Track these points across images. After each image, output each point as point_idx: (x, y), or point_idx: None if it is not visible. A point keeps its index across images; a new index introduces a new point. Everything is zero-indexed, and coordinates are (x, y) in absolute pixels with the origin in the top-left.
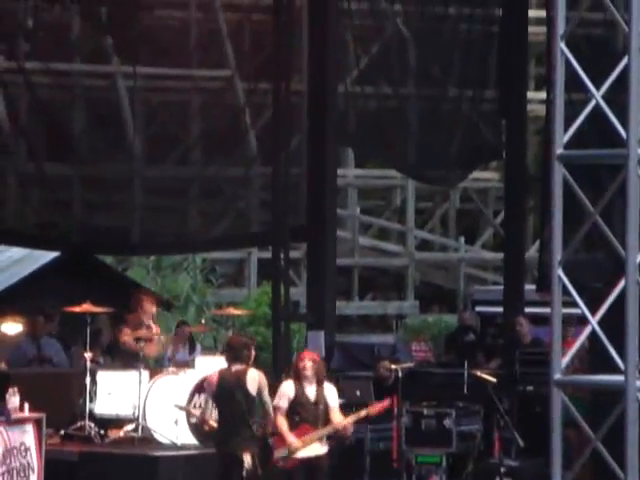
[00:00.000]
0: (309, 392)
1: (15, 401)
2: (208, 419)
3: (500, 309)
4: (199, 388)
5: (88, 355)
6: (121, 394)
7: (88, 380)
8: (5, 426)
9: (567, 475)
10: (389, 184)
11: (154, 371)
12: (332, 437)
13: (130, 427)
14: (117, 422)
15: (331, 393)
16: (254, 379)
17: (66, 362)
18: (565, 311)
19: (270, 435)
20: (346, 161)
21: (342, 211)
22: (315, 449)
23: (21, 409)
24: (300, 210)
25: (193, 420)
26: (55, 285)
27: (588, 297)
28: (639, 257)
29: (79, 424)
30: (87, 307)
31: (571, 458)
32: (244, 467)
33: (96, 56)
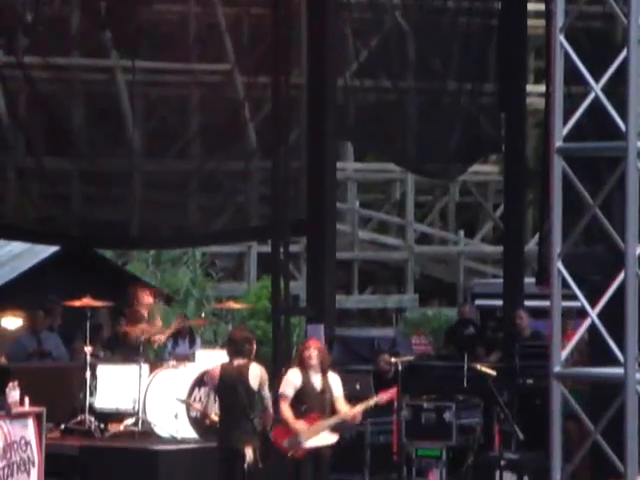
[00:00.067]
0: (315, 381)
1: (15, 395)
2: (209, 413)
3: (500, 302)
4: (199, 382)
5: (88, 349)
6: (121, 388)
7: (88, 374)
8: (5, 420)
9: (567, 468)
10: (388, 178)
11: (154, 365)
12: (339, 427)
13: (130, 421)
14: (117, 416)
15: (335, 382)
16: (256, 374)
17: (66, 356)
18: (565, 304)
19: (270, 430)
20: (345, 155)
21: (342, 205)
22: (325, 438)
23: (21, 403)
24: (300, 204)
25: (193, 414)
26: (55, 279)
27: (588, 290)
28: (639, 249)
29: (79, 418)
30: (87, 301)
31: (571, 451)
32: (245, 461)
33: (95, 50)
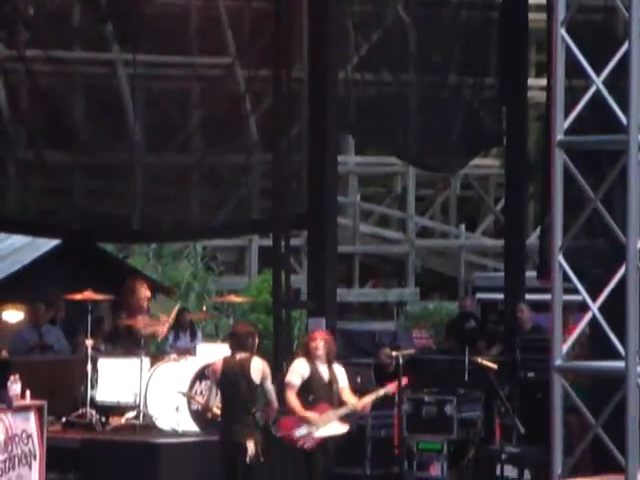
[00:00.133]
0: (322, 371)
1: (16, 388)
2: (212, 406)
3: (501, 296)
4: (200, 375)
5: (89, 342)
6: (122, 381)
7: (89, 367)
8: (7, 413)
9: (568, 461)
10: (389, 171)
11: (155, 358)
12: (349, 417)
13: (131, 414)
14: (118, 409)
15: (341, 373)
16: (258, 368)
17: (67, 349)
18: (566, 297)
19: (272, 424)
20: (346, 148)
21: (343, 198)
22: (335, 428)
23: (22, 396)
24: (301, 197)
25: (195, 407)
26: (56, 273)
27: (589, 283)
28: None
29: (80, 411)
30: (88, 295)
31: (572, 444)
32: (247, 454)
33: (96, 44)
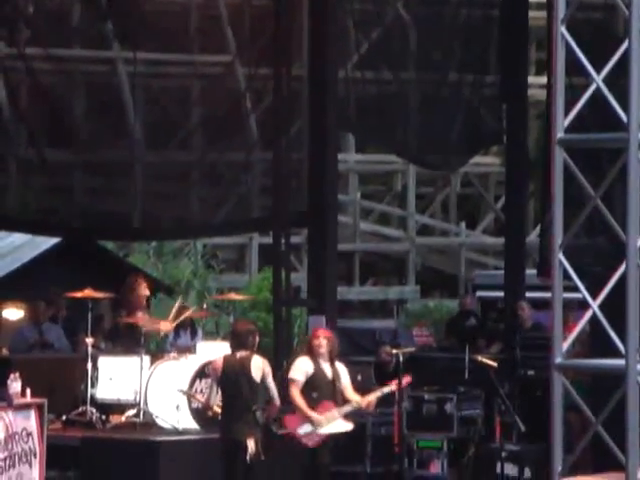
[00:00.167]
0: (325, 369)
1: (17, 386)
2: (212, 404)
3: (501, 294)
4: (200, 373)
5: (89, 340)
6: (122, 379)
7: (89, 365)
8: (7, 411)
9: (568, 459)
10: (390, 169)
11: (155, 356)
12: (353, 415)
13: (132, 412)
14: (119, 407)
15: (343, 371)
16: (258, 366)
17: (68, 347)
18: (566, 295)
19: (274, 421)
20: (347, 146)
21: (343, 196)
22: (340, 426)
23: (23, 394)
24: (301, 195)
25: (195, 405)
26: (56, 271)
27: (589, 281)
28: None
29: (81, 409)
30: (89, 293)
31: (572, 442)
32: (247, 453)
33: (96, 42)
